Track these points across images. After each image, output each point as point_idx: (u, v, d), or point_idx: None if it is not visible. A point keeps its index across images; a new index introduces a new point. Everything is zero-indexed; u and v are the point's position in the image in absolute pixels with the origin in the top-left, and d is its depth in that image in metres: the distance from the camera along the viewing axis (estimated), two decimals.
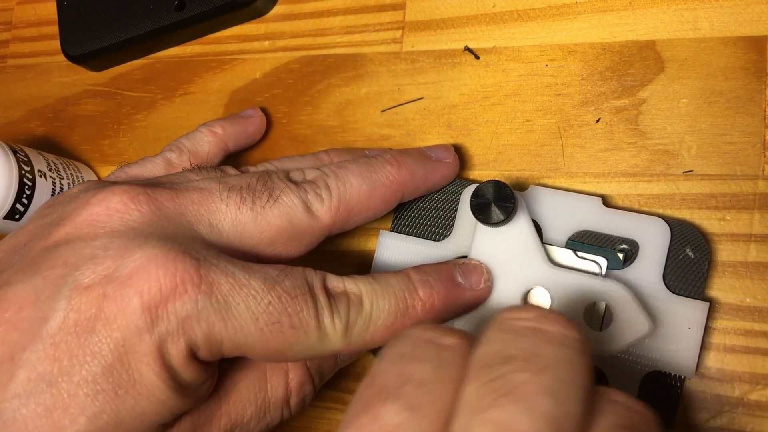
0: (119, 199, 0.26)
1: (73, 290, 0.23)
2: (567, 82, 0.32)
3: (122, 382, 0.23)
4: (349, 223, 0.29)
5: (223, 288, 0.24)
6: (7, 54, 0.45)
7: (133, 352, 0.23)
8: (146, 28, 0.39)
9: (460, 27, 0.34)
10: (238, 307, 0.24)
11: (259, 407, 0.27)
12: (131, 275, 0.23)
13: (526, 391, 0.18)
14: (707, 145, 0.29)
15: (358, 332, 0.26)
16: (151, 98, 0.40)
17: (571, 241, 0.29)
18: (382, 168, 0.29)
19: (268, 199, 0.27)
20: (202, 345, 0.24)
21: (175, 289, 0.23)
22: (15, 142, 0.36)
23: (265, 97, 0.37)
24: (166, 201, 0.26)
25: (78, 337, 0.23)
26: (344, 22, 0.36)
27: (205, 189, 0.27)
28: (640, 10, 0.31)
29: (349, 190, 0.29)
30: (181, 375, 0.24)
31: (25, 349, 0.23)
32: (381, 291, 0.26)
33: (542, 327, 0.20)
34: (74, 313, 0.23)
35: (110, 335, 0.23)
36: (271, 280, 0.25)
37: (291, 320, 0.24)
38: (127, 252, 0.24)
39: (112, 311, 0.23)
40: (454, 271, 0.28)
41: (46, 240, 0.25)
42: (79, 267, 0.24)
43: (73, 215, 0.26)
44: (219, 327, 0.24)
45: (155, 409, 0.23)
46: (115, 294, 0.23)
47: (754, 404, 0.27)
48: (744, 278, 0.28)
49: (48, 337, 0.23)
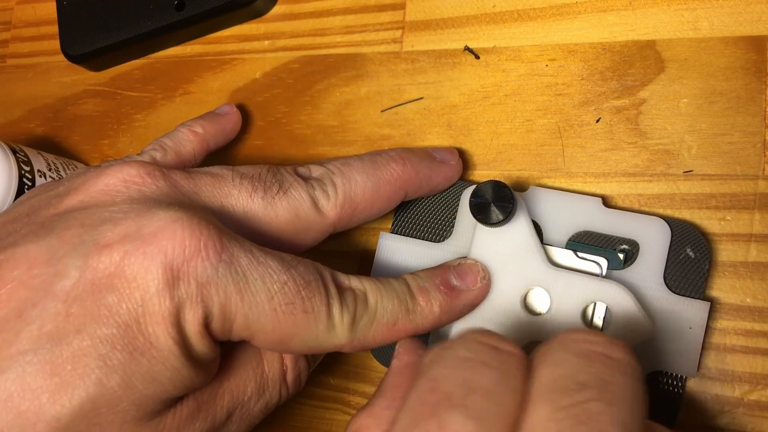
0: (136, 172, 0.25)
1: (91, 248, 0.23)
2: (567, 81, 0.32)
3: (137, 344, 0.22)
4: (353, 220, 0.29)
5: (242, 261, 0.24)
6: (6, 54, 0.45)
7: (152, 313, 0.22)
8: (146, 28, 0.38)
9: (460, 27, 0.34)
10: (255, 282, 0.24)
11: (258, 384, 0.27)
12: (155, 233, 0.23)
13: (601, 421, 0.18)
14: (707, 145, 0.29)
15: (363, 328, 0.26)
16: (151, 98, 0.40)
17: (572, 241, 0.29)
18: (387, 165, 0.30)
19: (278, 190, 0.27)
20: (216, 316, 0.23)
21: (199, 252, 0.23)
22: (15, 142, 0.36)
23: (265, 97, 0.37)
24: (180, 179, 0.26)
25: (94, 294, 0.22)
26: (344, 22, 0.36)
27: (218, 174, 0.27)
28: (641, 9, 0.31)
29: (354, 188, 0.29)
30: (195, 346, 0.23)
31: (35, 305, 0.22)
32: (384, 291, 0.27)
33: (611, 354, 0.20)
34: (91, 271, 0.22)
35: (130, 294, 0.22)
36: (286, 263, 0.25)
37: (304, 304, 0.24)
38: (149, 214, 0.23)
39: (132, 269, 0.22)
40: (449, 275, 0.28)
41: (56, 207, 0.25)
42: (97, 227, 0.23)
43: (86, 185, 0.25)
44: (235, 300, 0.23)
45: (169, 376, 0.23)
46: (137, 251, 0.22)
47: (754, 404, 0.27)
48: (744, 278, 0.28)
49: (62, 293, 0.22)
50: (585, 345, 0.21)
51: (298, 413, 0.34)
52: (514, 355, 0.21)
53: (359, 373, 0.33)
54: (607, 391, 0.19)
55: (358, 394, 0.33)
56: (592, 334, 0.21)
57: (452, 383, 0.20)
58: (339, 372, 0.33)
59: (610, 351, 0.20)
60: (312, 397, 0.34)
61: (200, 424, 0.25)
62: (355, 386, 0.33)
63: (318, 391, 0.33)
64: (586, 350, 0.20)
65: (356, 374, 0.33)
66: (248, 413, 0.27)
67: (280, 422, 0.34)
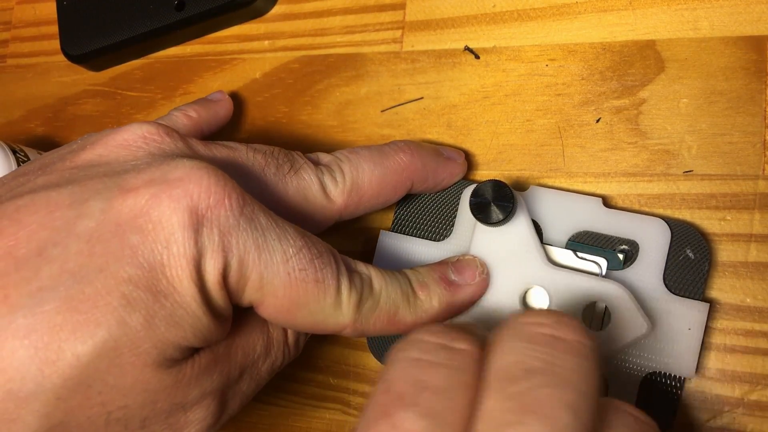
0: (156, 130, 0.25)
1: (116, 192, 0.22)
2: (567, 81, 0.32)
3: (161, 287, 0.22)
4: (360, 208, 0.29)
5: (262, 220, 0.24)
6: (6, 54, 0.45)
7: (176, 256, 0.22)
8: (146, 28, 0.38)
9: (460, 27, 0.34)
10: (273, 242, 0.24)
11: (265, 343, 0.27)
12: (182, 178, 0.23)
13: (549, 406, 0.18)
14: (707, 145, 0.29)
15: (366, 312, 0.26)
16: (151, 98, 0.40)
17: (572, 241, 0.29)
18: (395, 155, 0.30)
19: (290, 169, 0.27)
20: (234, 270, 0.23)
21: (223, 201, 0.23)
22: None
23: (265, 97, 0.37)
24: (196, 144, 0.26)
25: (118, 235, 0.22)
26: (344, 22, 0.36)
27: (231, 146, 0.27)
28: (641, 9, 0.31)
29: (362, 175, 0.29)
30: (213, 297, 0.23)
31: (56, 244, 0.22)
32: (389, 279, 0.27)
33: (559, 335, 0.20)
34: (116, 212, 0.22)
35: (155, 236, 0.22)
36: (301, 231, 0.25)
37: (316, 274, 0.24)
38: (174, 162, 0.23)
39: (158, 211, 0.22)
40: (448, 270, 0.28)
41: (73, 161, 0.24)
42: (121, 175, 0.23)
43: (104, 139, 0.25)
44: (253, 256, 0.23)
45: (190, 322, 0.22)
46: (163, 194, 0.22)
47: (754, 404, 0.27)
48: (744, 278, 0.28)
49: (85, 233, 0.22)
50: (533, 328, 0.20)
51: (298, 413, 0.34)
52: (465, 352, 0.21)
53: (359, 373, 0.33)
54: (555, 374, 0.19)
55: (358, 394, 0.33)
56: (541, 315, 0.21)
57: (404, 384, 0.20)
58: (339, 372, 0.33)
59: (559, 332, 0.20)
60: (312, 397, 0.34)
61: (217, 377, 0.25)
62: (355, 386, 0.33)
63: (318, 391, 0.33)
64: (534, 333, 0.20)
65: (356, 374, 0.33)
66: (257, 372, 0.27)
67: (281, 422, 0.34)
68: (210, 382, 0.24)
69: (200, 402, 0.24)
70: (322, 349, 0.34)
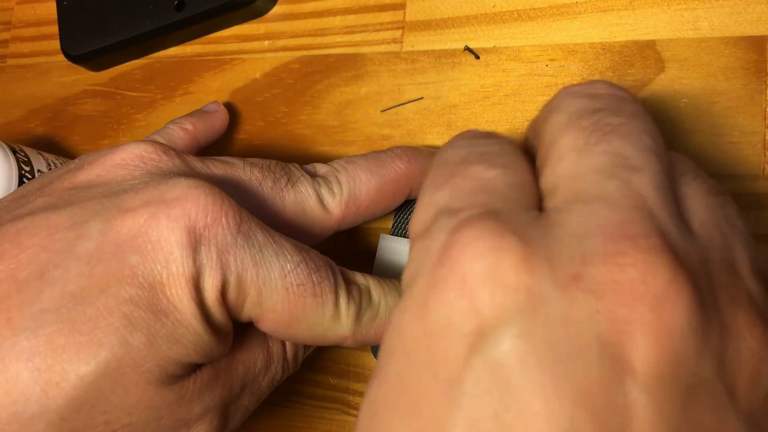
0: (152, 149, 0.26)
1: (115, 213, 0.23)
2: (567, 82, 0.32)
3: (161, 306, 0.22)
4: (358, 218, 0.29)
5: (259, 236, 0.24)
6: (7, 54, 0.45)
7: (175, 275, 0.22)
8: (146, 28, 0.38)
9: (460, 27, 0.34)
10: (270, 258, 0.24)
11: (265, 357, 0.27)
12: (179, 198, 0.23)
13: (627, 130, 0.18)
14: (707, 145, 0.29)
15: (366, 323, 0.26)
16: (151, 98, 0.40)
17: None
18: (392, 163, 0.30)
19: (287, 183, 0.27)
20: (233, 286, 0.23)
21: (220, 219, 0.23)
22: (15, 142, 0.36)
23: (265, 97, 0.37)
24: (193, 160, 0.26)
25: (118, 256, 0.22)
26: (344, 22, 0.36)
27: (228, 162, 0.27)
28: (641, 9, 0.31)
29: (359, 185, 0.29)
30: (213, 314, 0.23)
31: (57, 266, 0.22)
32: (387, 289, 0.27)
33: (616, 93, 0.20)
34: (115, 233, 0.22)
35: (154, 255, 0.22)
36: (299, 246, 0.25)
37: (314, 288, 0.24)
38: (171, 181, 0.23)
39: (157, 231, 0.22)
40: None
41: (71, 181, 0.25)
42: (119, 195, 0.23)
43: (102, 159, 0.25)
44: (251, 273, 0.23)
45: (191, 339, 0.23)
46: (161, 214, 0.22)
47: None
48: None
49: (85, 255, 0.22)
50: (588, 88, 0.20)
51: (298, 413, 0.34)
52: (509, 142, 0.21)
53: (359, 373, 0.33)
54: (624, 111, 0.19)
55: (358, 394, 0.33)
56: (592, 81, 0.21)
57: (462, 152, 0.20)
58: (339, 372, 0.33)
59: (614, 90, 0.20)
60: (312, 397, 0.34)
61: (219, 393, 0.25)
62: (355, 386, 0.33)
63: (318, 391, 0.33)
64: (591, 92, 0.20)
65: (356, 374, 0.33)
66: (258, 387, 0.27)
67: (281, 422, 0.34)
68: (212, 398, 0.25)
69: (203, 417, 0.24)
70: (322, 349, 0.34)
